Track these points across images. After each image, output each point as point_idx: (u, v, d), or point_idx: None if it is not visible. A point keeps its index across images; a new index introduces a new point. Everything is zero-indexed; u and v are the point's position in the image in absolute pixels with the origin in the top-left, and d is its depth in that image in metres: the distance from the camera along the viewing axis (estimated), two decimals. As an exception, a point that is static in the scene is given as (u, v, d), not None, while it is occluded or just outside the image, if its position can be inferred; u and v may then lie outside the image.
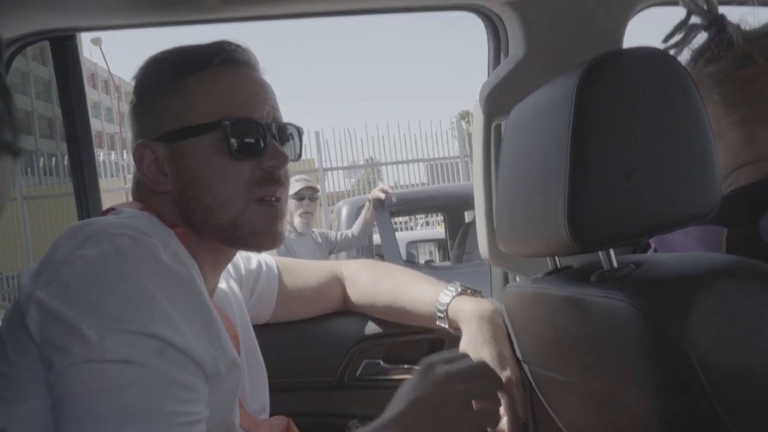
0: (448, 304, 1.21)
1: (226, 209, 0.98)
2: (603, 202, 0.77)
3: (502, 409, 1.14)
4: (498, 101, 1.33)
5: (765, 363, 0.72)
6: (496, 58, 1.44)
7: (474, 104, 1.37)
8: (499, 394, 1.12)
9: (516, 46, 1.35)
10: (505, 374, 1.13)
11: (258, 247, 1.05)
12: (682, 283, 0.77)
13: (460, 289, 1.22)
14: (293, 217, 4.12)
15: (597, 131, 0.78)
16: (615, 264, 0.83)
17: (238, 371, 0.95)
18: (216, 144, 0.98)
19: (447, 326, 1.21)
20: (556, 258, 1.03)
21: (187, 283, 0.88)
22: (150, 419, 0.79)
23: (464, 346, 1.17)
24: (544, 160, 0.85)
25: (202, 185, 0.98)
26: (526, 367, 1.14)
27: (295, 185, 4.14)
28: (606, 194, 0.77)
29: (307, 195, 4.17)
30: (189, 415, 0.82)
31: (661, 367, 0.75)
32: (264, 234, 1.01)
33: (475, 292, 1.23)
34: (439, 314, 1.21)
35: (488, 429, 1.01)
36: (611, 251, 0.84)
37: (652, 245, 1.11)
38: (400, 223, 11.75)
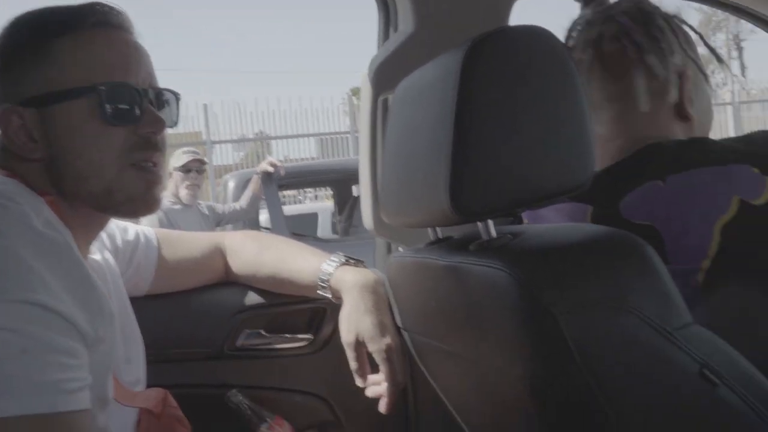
0: (330, 274, 1.22)
1: (100, 176, 0.95)
2: (483, 175, 0.80)
3: (381, 376, 1.17)
4: (386, 76, 1.34)
5: (629, 329, 0.77)
6: (385, 33, 1.45)
7: (362, 78, 1.38)
8: (379, 362, 1.15)
9: (405, 22, 1.36)
10: (384, 342, 1.16)
11: (134, 213, 1.02)
12: (555, 252, 0.81)
13: (343, 260, 1.24)
14: (179, 189, 4.04)
15: (479, 106, 0.80)
16: (493, 234, 0.86)
17: (113, 341, 0.93)
18: (89, 109, 0.94)
19: (329, 296, 1.22)
20: (438, 229, 1.06)
21: (63, 250, 0.86)
22: (35, 390, 0.77)
23: (345, 315, 1.18)
24: (428, 134, 0.87)
25: (75, 152, 0.95)
26: (406, 335, 1.17)
27: (181, 157, 4.07)
28: (485, 168, 0.80)
29: (194, 167, 4.10)
30: (74, 382, 0.80)
31: (535, 334, 0.79)
32: (140, 199, 0.98)
33: (357, 263, 1.25)
34: (321, 284, 1.22)
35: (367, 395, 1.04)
36: (490, 222, 0.86)
37: (526, 219, 1.16)
38: (289, 197, 11.67)
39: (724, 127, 12.66)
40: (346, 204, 6.53)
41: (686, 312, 0.81)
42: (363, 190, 1.40)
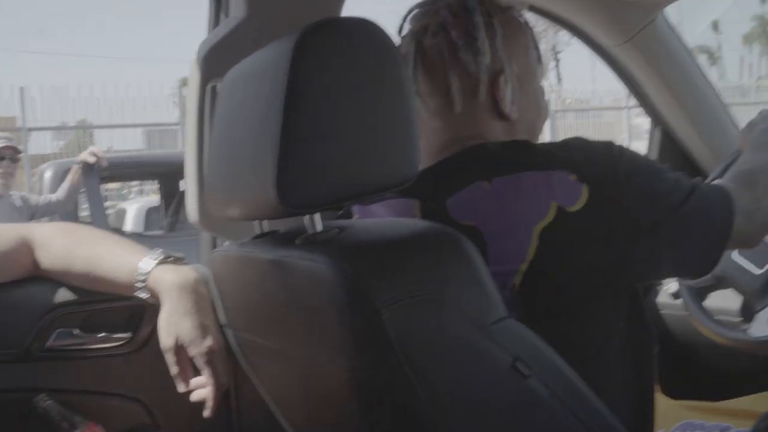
0: (148, 273, 1.14)
1: None
2: (310, 167, 0.78)
3: (203, 379, 1.12)
4: (216, 62, 1.29)
5: (448, 324, 0.79)
6: (216, 19, 1.40)
7: (191, 65, 1.32)
8: (200, 366, 1.11)
9: (237, 7, 1.32)
10: (206, 344, 1.11)
11: None
12: (381, 245, 0.82)
13: (161, 257, 1.17)
14: None
15: (308, 97, 0.79)
16: (319, 228, 0.85)
17: None
18: None
19: (147, 296, 1.15)
20: (263, 222, 1.03)
21: None
22: None
23: (164, 316, 1.12)
24: (256, 124, 0.84)
25: None
26: (231, 333, 1.13)
27: None
28: (313, 160, 0.79)
29: (7, 155, 3.88)
30: None
31: (359, 328, 0.79)
32: None
33: (177, 260, 1.18)
34: (138, 284, 1.15)
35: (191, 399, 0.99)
36: (316, 216, 0.85)
37: (356, 215, 1.15)
38: (112, 190, 11.13)
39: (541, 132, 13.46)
40: (173, 198, 6.32)
41: (501, 306, 0.84)
42: (189, 182, 1.34)
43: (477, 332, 0.80)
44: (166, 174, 6.29)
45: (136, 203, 7.85)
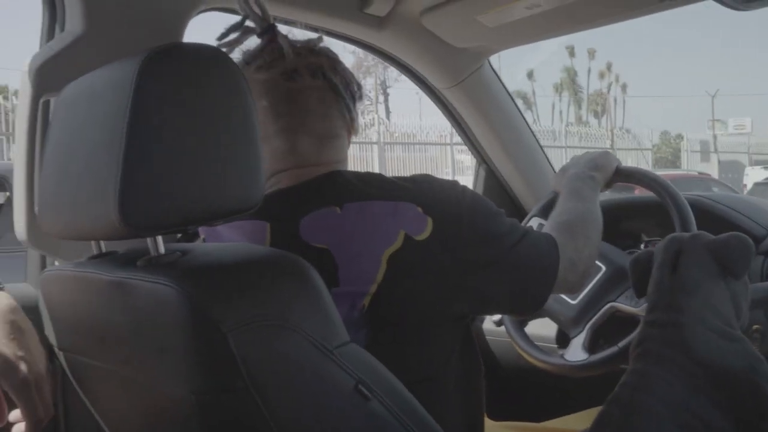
0: None
1: None
2: (154, 189, 0.79)
3: (19, 414, 1.05)
4: (49, 76, 1.25)
5: (291, 347, 0.81)
6: (50, 31, 1.35)
7: (22, 77, 1.27)
8: (15, 399, 1.02)
9: (73, 22, 1.28)
10: (19, 376, 1.01)
11: None
12: (224, 269, 0.83)
13: None
14: None
15: (153, 119, 0.79)
16: (162, 250, 0.85)
17: None
18: None
19: None
20: (101, 243, 1.01)
21: None
22: None
23: None
24: (97, 142, 0.83)
25: None
26: (62, 356, 1.09)
27: None
28: (157, 182, 0.79)
29: None
30: None
31: (203, 351, 0.79)
32: None
33: None
34: None
35: None
36: (159, 238, 0.85)
37: (202, 236, 1.16)
38: None
39: (370, 163, 13.85)
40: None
41: (344, 331, 0.87)
42: (17, 198, 1.28)
43: (321, 356, 0.83)
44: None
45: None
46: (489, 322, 1.93)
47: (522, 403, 1.97)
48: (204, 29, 1.36)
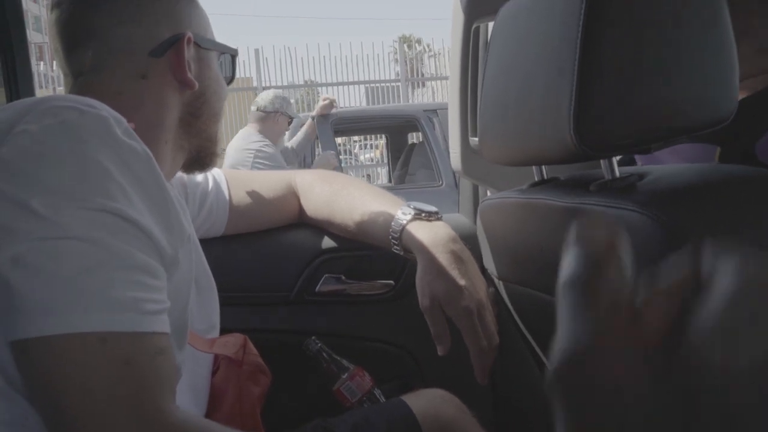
0: (401, 231, 1.10)
1: (218, 123, 1.05)
2: (613, 102, 0.71)
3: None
4: (479, 1, 1.23)
5: None
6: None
7: (452, 7, 1.27)
8: (459, 327, 1.04)
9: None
10: (462, 305, 1.03)
11: (210, 166, 1.08)
12: (696, 191, 0.72)
13: (413, 213, 1.11)
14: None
15: (610, 22, 0.71)
16: (617, 173, 0.77)
17: (190, 267, 0.88)
18: (223, 66, 1.07)
19: (401, 253, 1.12)
20: (543, 169, 0.96)
21: (144, 161, 0.77)
22: (112, 306, 0.68)
23: (418, 277, 1.07)
24: (545, 62, 0.77)
25: (216, 95, 1.04)
26: (501, 285, 1.08)
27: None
28: (617, 94, 0.71)
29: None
30: (154, 303, 0.72)
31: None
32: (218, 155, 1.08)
33: (430, 215, 1.12)
34: (393, 242, 1.12)
35: None
36: (614, 160, 0.77)
37: (639, 162, 1.05)
38: (339, 145, 11.58)
39: None
40: (400, 152, 6.43)
41: None
42: (452, 128, 1.30)
43: None
44: (393, 128, 6.42)
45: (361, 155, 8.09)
46: None
47: None
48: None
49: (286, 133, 4.32)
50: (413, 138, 6.70)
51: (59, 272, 0.67)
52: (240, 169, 3.67)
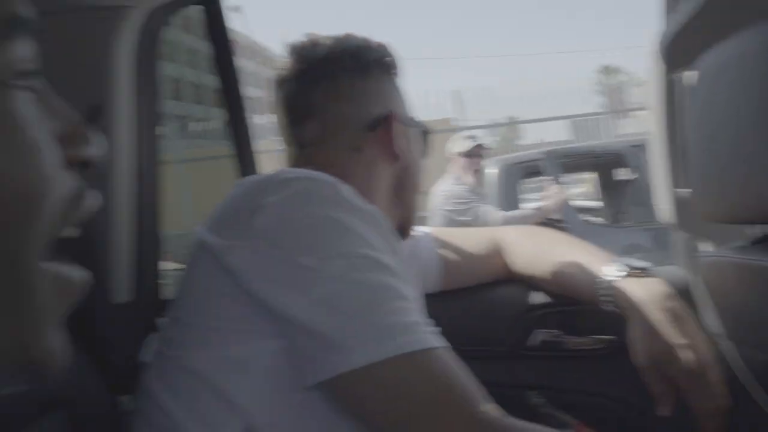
0: (611, 288, 1.10)
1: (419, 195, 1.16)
2: None
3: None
4: (679, 51, 1.21)
5: None
6: (671, 3, 1.32)
7: (652, 55, 1.26)
8: (683, 385, 1.01)
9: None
10: (681, 365, 1.00)
11: (408, 237, 1.18)
12: None
13: (625, 270, 1.10)
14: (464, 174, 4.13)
15: None
16: None
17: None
18: (420, 140, 1.17)
19: (613, 309, 1.11)
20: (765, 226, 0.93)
21: (377, 216, 0.89)
22: (405, 330, 0.79)
23: (632, 336, 1.05)
24: (748, 116, 0.76)
25: (418, 168, 1.15)
26: (731, 346, 1.03)
27: (465, 143, 4.17)
28: None
29: (478, 153, 4.20)
30: (429, 326, 0.83)
31: None
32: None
33: (642, 271, 1.10)
34: (602, 298, 1.11)
35: None
36: None
37: None
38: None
39: None
40: (610, 189, 6.25)
41: None
42: (659, 177, 1.28)
43: None
44: (602, 165, 6.25)
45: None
46: None
47: None
48: None
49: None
50: (620, 175, 6.46)
51: (351, 311, 0.79)
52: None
